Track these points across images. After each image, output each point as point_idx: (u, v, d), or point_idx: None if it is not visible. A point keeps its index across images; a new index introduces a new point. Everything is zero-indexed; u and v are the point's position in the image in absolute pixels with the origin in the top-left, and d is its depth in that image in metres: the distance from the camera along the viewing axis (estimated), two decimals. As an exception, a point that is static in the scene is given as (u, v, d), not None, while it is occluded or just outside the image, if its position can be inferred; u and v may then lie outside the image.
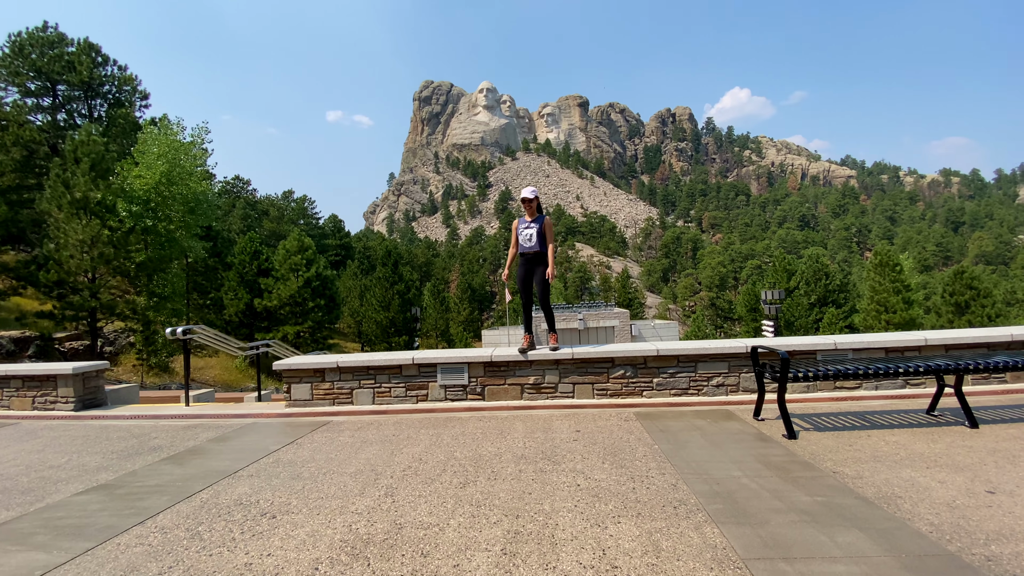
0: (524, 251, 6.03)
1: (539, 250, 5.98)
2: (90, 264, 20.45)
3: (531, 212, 6.08)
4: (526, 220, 6.07)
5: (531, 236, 5.96)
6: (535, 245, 5.96)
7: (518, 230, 6.09)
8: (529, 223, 6.02)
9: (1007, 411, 4.72)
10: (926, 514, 2.77)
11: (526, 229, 6.01)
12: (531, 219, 6.05)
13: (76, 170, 21.05)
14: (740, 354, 5.73)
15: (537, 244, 5.96)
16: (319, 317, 32.88)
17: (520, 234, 6.05)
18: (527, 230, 6.00)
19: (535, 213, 6.09)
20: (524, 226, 6.04)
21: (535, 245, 5.96)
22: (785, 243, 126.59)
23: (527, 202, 6.04)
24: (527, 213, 6.11)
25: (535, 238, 5.95)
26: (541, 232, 5.97)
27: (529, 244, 5.98)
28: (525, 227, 6.03)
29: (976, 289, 33.85)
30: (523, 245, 6.03)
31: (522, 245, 6.04)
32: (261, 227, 57.45)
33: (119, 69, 34.50)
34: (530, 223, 6.01)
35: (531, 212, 6.08)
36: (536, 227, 5.97)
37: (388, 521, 2.98)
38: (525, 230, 6.01)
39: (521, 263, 6.13)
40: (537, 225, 5.98)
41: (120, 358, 25.31)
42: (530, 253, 6.02)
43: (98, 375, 7.19)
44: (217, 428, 5.67)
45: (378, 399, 6.25)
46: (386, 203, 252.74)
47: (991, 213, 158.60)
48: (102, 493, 3.71)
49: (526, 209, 6.09)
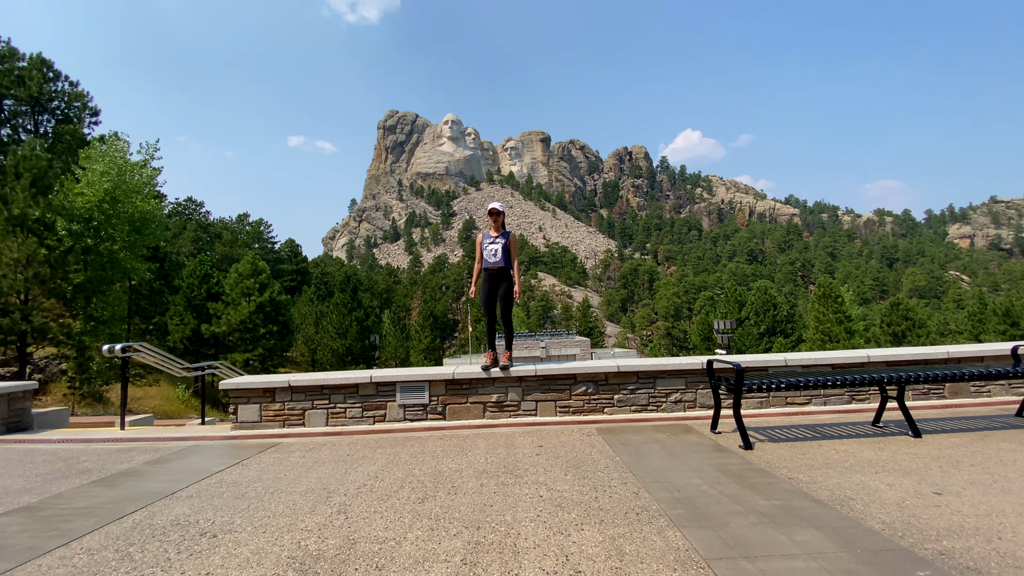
0: (489, 266, 5.89)
1: (503, 266, 5.86)
2: (23, 284, 19.08)
3: (497, 227, 5.95)
4: (491, 235, 5.93)
5: (496, 252, 5.84)
6: (500, 261, 5.84)
7: (483, 245, 5.93)
8: (495, 238, 5.89)
9: (947, 423, 4.96)
10: (878, 513, 2.84)
11: (491, 244, 5.88)
12: (496, 234, 5.92)
13: (16, 185, 19.82)
14: (697, 370, 5.84)
15: (502, 260, 5.85)
16: (271, 344, 31.59)
17: (485, 249, 5.91)
18: (492, 245, 5.87)
19: (501, 228, 5.97)
20: (489, 241, 5.90)
21: (500, 261, 5.84)
22: (735, 276, 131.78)
23: (494, 215, 5.92)
24: (492, 227, 5.98)
25: (500, 253, 5.84)
26: (506, 248, 5.86)
27: (494, 259, 5.85)
28: (491, 242, 5.89)
29: (912, 320, 36.04)
30: (487, 260, 5.88)
31: (487, 260, 5.89)
32: (213, 250, 55.32)
33: (70, 85, 33.09)
34: (495, 238, 5.89)
35: (497, 227, 5.95)
36: (502, 242, 5.86)
37: (341, 537, 2.82)
38: (491, 245, 5.88)
39: (485, 278, 5.96)
40: (503, 240, 5.87)
41: (50, 387, 23.44)
42: (494, 268, 5.88)
43: (25, 396, 6.62)
44: (155, 451, 5.28)
45: (332, 420, 6.00)
46: (347, 229, 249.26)
47: (923, 250, 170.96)
48: (23, 515, 3.37)
49: (492, 222, 5.96)
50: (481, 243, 5.96)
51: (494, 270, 5.88)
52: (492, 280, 5.91)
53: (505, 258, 5.85)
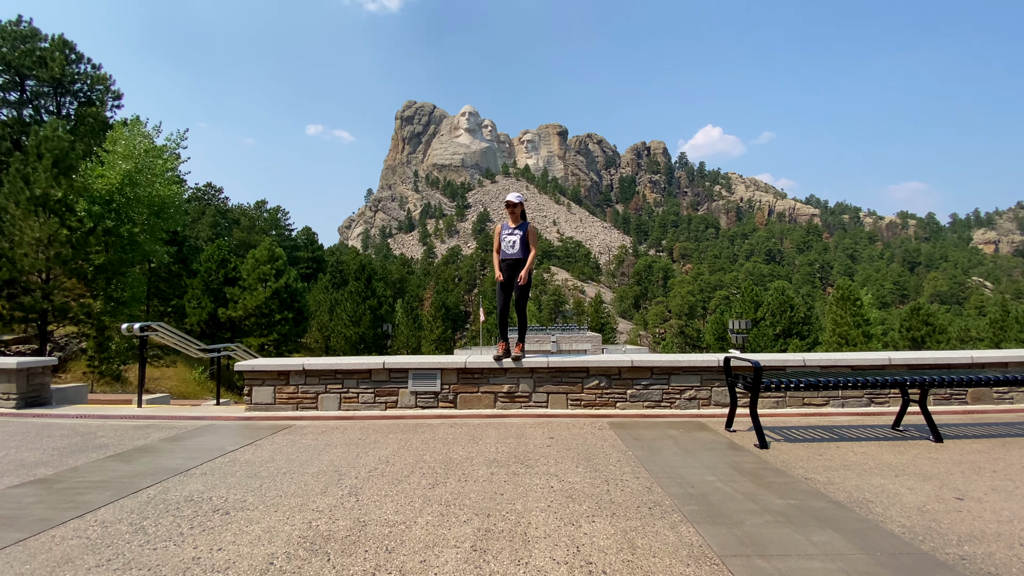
0: (506, 257, 5.86)
1: (521, 257, 5.83)
2: (45, 264, 19.48)
3: (515, 218, 5.89)
4: (509, 226, 5.91)
5: (514, 243, 5.81)
6: (518, 252, 5.82)
7: (501, 235, 5.93)
8: (513, 229, 5.87)
9: (970, 428, 4.84)
10: (898, 517, 2.77)
11: (509, 235, 5.86)
12: (515, 225, 5.88)
13: (38, 166, 20.17)
14: (712, 367, 5.76)
15: (520, 251, 5.82)
16: (285, 330, 31.95)
17: (503, 240, 5.90)
18: (511, 236, 5.85)
19: (519, 220, 5.91)
20: (507, 232, 5.89)
21: (518, 252, 5.82)
22: (752, 275, 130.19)
23: (512, 206, 5.85)
24: (511, 219, 5.93)
25: (518, 245, 5.81)
26: (524, 239, 5.82)
27: (512, 251, 5.82)
28: (509, 233, 5.88)
29: (932, 325, 35.28)
30: (505, 252, 5.86)
31: (504, 252, 5.87)
32: (231, 236, 56.00)
33: (92, 67, 33.54)
34: (514, 229, 5.86)
35: (515, 218, 5.89)
36: (520, 234, 5.83)
37: (351, 519, 2.82)
38: (509, 236, 5.86)
39: (502, 269, 5.91)
40: (521, 232, 5.84)
41: (69, 365, 23.99)
42: (512, 259, 5.85)
43: (44, 372, 6.76)
44: (170, 429, 5.36)
45: (345, 405, 6.03)
46: (362, 218, 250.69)
47: (946, 255, 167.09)
48: (39, 487, 3.43)
49: (510, 215, 5.91)
50: (500, 234, 5.95)
51: (512, 261, 5.85)
52: (509, 271, 5.86)
53: (523, 249, 5.82)
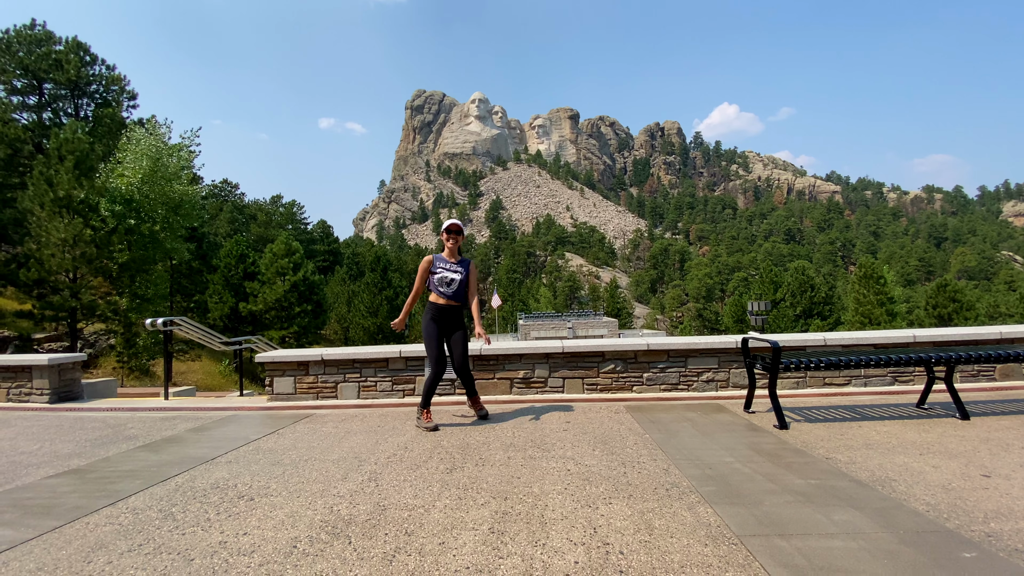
0: (442, 301, 4.63)
1: (461, 304, 4.71)
2: (71, 263, 20.04)
3: (453, 251, 4.69)
4: (446, 260, 4.69)
5: (453, 282, 4.61)
6: (459, 295, 4.65)
7: (434, 269, 4.67)
8: (452, 265, 4.66)
9: (997, 404, 4.73)
10: (922, 495, 2.72)
11: (447, 272, 4.63)
12: (454, 260, 4.70)
13: (60, 168, 20.67)
14: (730, 349, 5.71)
15: (460, 294, 4.65)
16: (305, 322, 32.48)
17: (436, 276, 4.64)
18: (449, 274, 4.62)
19: (457, 255, 4.74)
20: (444, 267, 4.65)
21: (459, 295, 4.65)
22: (771, 256, 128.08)
23: (452, 235, 4.66)
24: (447, 250, 4.70)
25: (457, 286, 4.63)
26: (465, 281, 4.67)
27: (450, 292, 4.61)
28: (446, 269, 4.64)
29: (959, 302, 34.44)
30: (440, 291, 4.61)
31: (439, 291, 4.62)
32: (248, 231, 56.81)
33: (107, 68, 34.09)
34: (453, 265, 4.66)
35: (453, 251, 4.69)
36: (462, 273, 4.66)
37: (371, 503, 2.87)
38: (446, 272, 4.63)
39: (434, 315, 4.63)
40: (463, 271, 4.67)
41: (99, 361, 24.74)
42: (449, 305, 4.65)
43: (75, 367, 6.97)
44: (196, 420, 5.51)
45: (363, 393, 6.12)
46: (376, 210, 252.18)
47: (974, 229, 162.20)
48: (73, 477, 3.56)
49: (448, 245, 4.67)
50: (430, 267, 4.70)
51: (447, 307, 4.65)
52: (444, 319, 4.66)
53: (463, 293, 4.68)
